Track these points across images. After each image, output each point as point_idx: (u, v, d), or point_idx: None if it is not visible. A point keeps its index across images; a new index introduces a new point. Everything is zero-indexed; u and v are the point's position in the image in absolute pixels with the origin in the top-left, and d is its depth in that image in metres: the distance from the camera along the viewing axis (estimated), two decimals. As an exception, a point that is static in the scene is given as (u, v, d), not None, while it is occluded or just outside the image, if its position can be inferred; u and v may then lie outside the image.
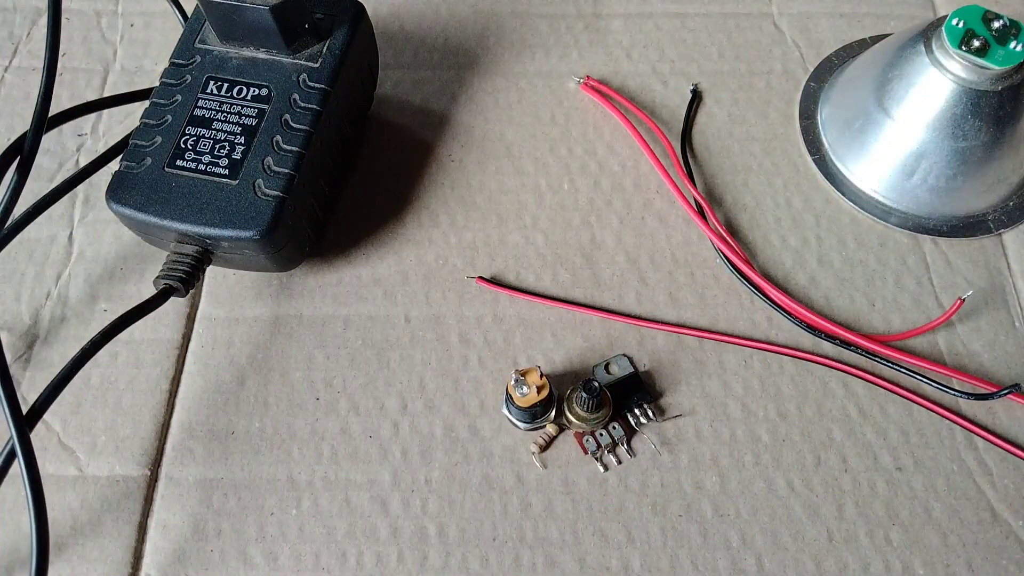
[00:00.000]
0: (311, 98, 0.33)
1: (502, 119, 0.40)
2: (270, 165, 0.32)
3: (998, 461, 0.32)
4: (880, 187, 0.38)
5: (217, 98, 0.34)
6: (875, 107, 0.37)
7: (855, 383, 0.34)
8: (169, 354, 0.34)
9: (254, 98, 0.34)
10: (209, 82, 0.34)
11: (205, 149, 0.33)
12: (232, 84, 0.34)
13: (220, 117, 0.33)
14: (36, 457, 0.28)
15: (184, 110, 0.33)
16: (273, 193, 0.32)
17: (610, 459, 0.32)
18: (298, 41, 0.34)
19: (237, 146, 0.33)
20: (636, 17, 0.44)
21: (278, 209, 0.32)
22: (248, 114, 0.33)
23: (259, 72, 0.34)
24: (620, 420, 0.32)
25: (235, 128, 0.33)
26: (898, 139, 0.36)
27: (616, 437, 0.32)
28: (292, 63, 0.34)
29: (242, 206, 0.32)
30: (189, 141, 0.33)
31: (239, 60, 0.34)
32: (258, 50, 0.34)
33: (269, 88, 0.34)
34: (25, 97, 0.41)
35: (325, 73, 0.34)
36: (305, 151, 0.33)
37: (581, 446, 0.32)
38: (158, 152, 0.33)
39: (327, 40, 0.35)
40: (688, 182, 0.38)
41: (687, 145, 0.40)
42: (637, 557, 0.31)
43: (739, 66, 0.42)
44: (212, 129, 0.33)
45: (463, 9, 0.44)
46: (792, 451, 0.32)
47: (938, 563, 0.30)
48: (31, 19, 0.44)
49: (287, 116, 0.33)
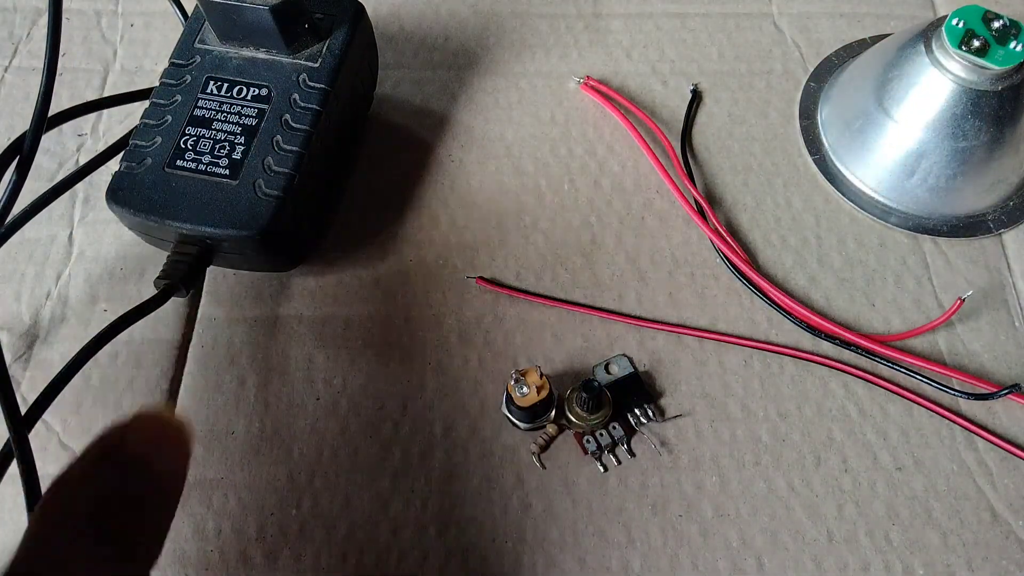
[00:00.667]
0: (311, 98, 0.34)
1: (502, 119, 0.40)
2: (270, 165, 0.32)
3: (998, 461, 0.32)
4: (880, 187, 0.38)
5: (217, 98, 0.34)
6: (875, 107, 0.37)
7: (855, 383, 0.34)
8: (169, 354, 0.34)
9: (254, 98, 0.34)
10: (209, 82, 0.34)
11: (205, 149, 0.33)
12: (232, 84, 0.34)
13: (220, 117, 0.33)
14: (35, 457, 0.28)
15: (184, 110, 0.33)
16: (273, 193, 0.32)
17: (610, 459, 0.32)
18: (298, 41, 0.34)
19: (237, 146, 0.33)
20: (636, 17, 0.44)
21: (278, 209, 0.32)
22: (248, 114, 0.33)
23: (259, 72, 0.34)
24: (620, 420, 0.32)
25: (235, 128, 0.33)
26: (898, 139, 0.36)
27: (616, 437, 0.32)
28: (292, 63, 0.34)
29: (243, 206, 0.32)
30: (189, 141, 0.33)
31: (239, 60, 0.34)
32: (258, 50, 0.34)
33: (269, 88, 0.34)
34: (25, 97, 0.41)
35: (325, 73, 0.34)
36: (305, 151, 0.33)
37: (581, 446, 0.32)
38: (158, 152, 0.33)
39: (327, 40, 0.35)
40: (688, 182, 0.38)
41: (687, 145, 0.40)
42: (637, 557, 0.31)
43: (739, 66, 0.42)
44: (212, 129, 0.33)
45: (463, 9, 0.44)
46: (792, 451, 0.32)
47: (938, 563, 0.30)
48: (31, 19, 0.44)
49: (287, 116, 0.33)
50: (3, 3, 0.44)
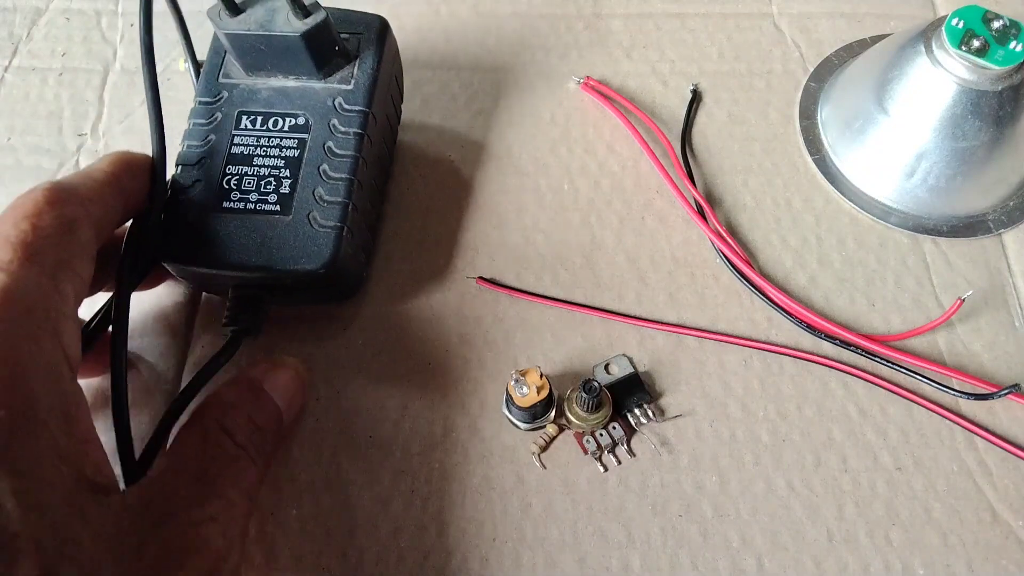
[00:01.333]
0: (351, 122, 0.32)
1: (501, 119, 0.40)
2: (322, 196, 0.31)
3: (998, 461, 0.32)
4: (880, 187, 0.38)
5: (253, 132, 0.32)
6: (875, 107, 0.37)
7: (855, 383, 0.34)
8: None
9: (291, 128, 0.32)
10: (242, 117, 0.33)
11: (251, 187, 0.31)
12: (267, 116, 0.33)
13: (260, 152, 0.32)
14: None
15: (221, 149, 0.32)
16: (331, 224, 0.31)
17: (610, 459, 0.32)
18: (328, 64, 0.33)
19: (284, 179, 0.32)
20: (636, 17, 0.44)
21: (338, 239, 0.31)
22: (288, 145, 0.32)
23: (292, 101, 0.33)
24: (620, 420, 0.32)
25: (278, 161, 0.32)
26: (898, 139, 0.36)
27: (616, 437, 0.32)
28: (325, 87, 0.33)
29: (301, 240, 0.31)
30: (232, 180, 0.32)
31: (269, 91, 0.33)
32: (287, 78, 0.33)
33: (306, 116, 0.33)
34: (25, 97, 0.41)
35: (361, 94, 0.33)
36: (355, 177, 0.32)
37: (581, 446, 0.32)
38: (201, 197, 0.31)
39: (356, 60, 0.33)
40: (688, 182, 0.38)
41: (687, 145, 0.40)
42: (637, 557, 0.31)
43: (739, 66, 0.42)
44: (253, 165, 0.32)
45: (463, 10, 0.44)
46: (792, 451, 0.32)
47: (938, 563, 0.30)
48: (31, 19, 0.44)
49: (330, 143, 0.32)
50: (3, 3, 0.44)
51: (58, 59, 0.42)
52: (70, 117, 0.41)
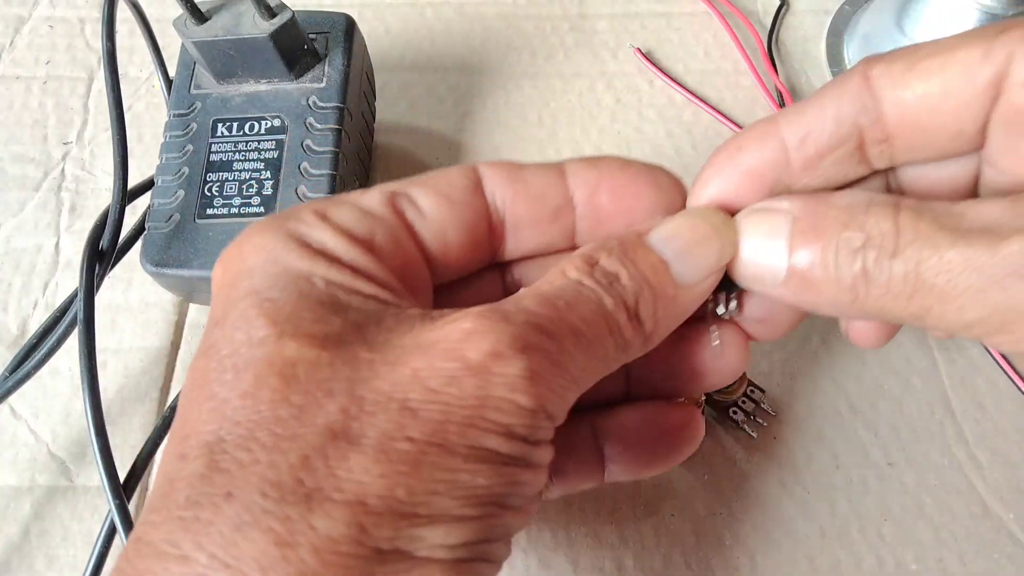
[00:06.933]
0: (327, 118, 0.33)
1: (488, 121, 0.40)
2: (304, 193, 0.32)
3: (988, 455, 0.32)
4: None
5: (230, 139, 0.33)
6: (895, 28, 0.38)
7: (845, 378, 0.34)
8: (158, 362, 0.34)
9: (268, 130, 0.33)
10: (217, 125, 0.33)
11: (232, 192, 0.32)
12: (242, 121, 0.33)
13: (239, 157, 0.32)
14: (25, 467, 0.28)
15: (199, 158, 0.33)
16: None
17: (602, 460, 0.32)
18: (299, 64, 0.33)
19: (265, 181, 0.32)
20: (622, 17, 0.44)
21: None
22: (267, 147, 0.32)
23: (266, 104, 0.33)
24: (611, 420, 0.32)
25: (257, 164, 0.32)
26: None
27: (608, 438, 0.32)
28: (297, 87, 0.33)
29: None
30: (213, 187, 0.32)
31: (241, 97, 0.33)
32: (259, 82, 0.34)
33: (281, 117, 0.33)
34: (9, 106, 0.41)
35: (334, 91, 0.33)
36: (335, 172, 0.32)
37: (573, 447, 0.32)
38: (184, 206, 0.32)
39: (325, 59, 0.34)
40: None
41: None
42: (630, 558, 0.31)
43: (724, 64, 0.42)
44: (233, 171, 0.32)
45: (449, 12, 0.44)
46: (783, 448, 0.32)
47: (930, 557, 0.30)
48: (14, 27, 0.43)
49: (308, 141, 0.32)
50: (-15, 11, 0.44)
51: (42, 67, 0.42)
52: (55, 125, 0.40)
